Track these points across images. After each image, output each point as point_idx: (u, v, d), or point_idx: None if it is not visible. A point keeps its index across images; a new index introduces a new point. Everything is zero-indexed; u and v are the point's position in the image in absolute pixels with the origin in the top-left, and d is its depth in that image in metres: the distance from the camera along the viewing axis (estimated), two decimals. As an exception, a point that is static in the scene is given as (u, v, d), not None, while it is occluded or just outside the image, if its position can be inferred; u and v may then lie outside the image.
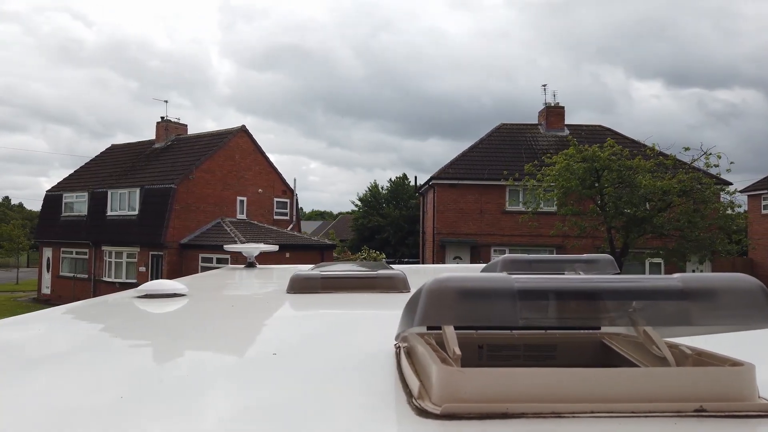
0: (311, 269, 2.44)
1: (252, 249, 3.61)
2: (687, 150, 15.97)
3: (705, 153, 15.76)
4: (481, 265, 2.57)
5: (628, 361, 0.96)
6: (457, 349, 0.81)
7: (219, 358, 1.24)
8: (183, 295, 2.04)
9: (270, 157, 29.85)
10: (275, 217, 29.68)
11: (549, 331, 1.10)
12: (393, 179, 46.24)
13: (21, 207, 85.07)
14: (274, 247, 3.87)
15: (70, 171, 33.39)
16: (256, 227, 26.15)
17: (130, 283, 23.61)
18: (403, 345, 1.01)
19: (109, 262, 26.35)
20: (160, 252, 24.35)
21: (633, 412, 0.72)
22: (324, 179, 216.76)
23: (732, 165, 15.58)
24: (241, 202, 27.70)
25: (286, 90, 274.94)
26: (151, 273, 24.29)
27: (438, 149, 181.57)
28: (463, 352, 0.82)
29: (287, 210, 30.74)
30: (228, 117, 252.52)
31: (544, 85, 29.32)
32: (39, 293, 29.50)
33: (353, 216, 50.18)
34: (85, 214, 27.83)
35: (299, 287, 2.11)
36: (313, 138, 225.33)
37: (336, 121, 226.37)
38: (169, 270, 23.52)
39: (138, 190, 25.75)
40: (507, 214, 23.69)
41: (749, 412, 0.72)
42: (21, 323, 1.64)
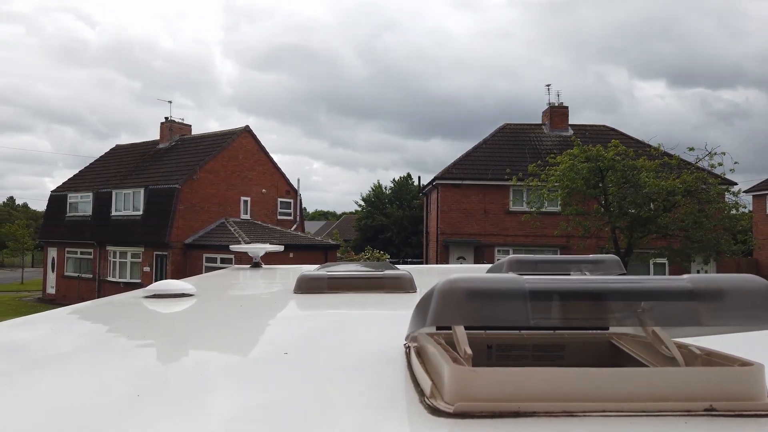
0: (317, 269, 2.45)
1: (258, 249, 3.62)
2: (691, 150, 15.94)
3: (709, 153, 15.73)
4: (487, 266, 2.57)
5: (636, 361, 0.96)
6: (468, 349, 0.82)
7: (229, 357, 1.24)
8: (191, 295, 2.05)
9: (273, 158, 29.93)
10: (279, 217, 29.73)
11: (557, 332, 1.10)
12: (397, 179, 46.22)
13: (26, 207, 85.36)
14: (279, 248, 3.88)
15: (73, 171, 33.54)
16: (260, 227, 26.19)
17: (134, 283, 23.68)
18: (413, 345, 1.02)
19: (114, 262, 26.44)
20: (164, 252, 24.41)
21: (643, 411, 0.72)
22: (327, 179, 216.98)
23: (736, 165, 15.57)
24: (245, 202, 27.75)
25: (288, 90, 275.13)
26: (156, 273, 24.35)
27: (441, 149, 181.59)
28: (473, 352, 0.83)
29: (291, 210, 30.80)
30: (231, 117, 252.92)
31: (548, 85, 29.14)
32: (44, 293, 29.61)
33: (357, 216, 50.23)
34: (90, 214, 27.93)
35: (306, 287, 2.12)
36: (316, 138, 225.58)
37: (339, 121, 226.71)
38: (174, 270, 23.58)
39: (142, 190, 25.83)
40: (511, 214, 23.64)
41: (759, 411, 0.73)
42: (30, 323, 1.65)
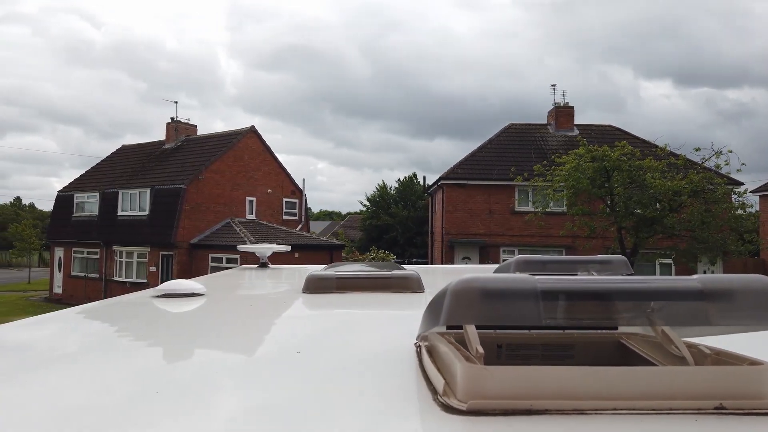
0: (324, 269, 2.46)
1: (265, 249, 3.63)
2: (698, 150, 15.88)
3: (716, 153, 15.66)
4: (494, 266, 2.58)
5: (646, 361, 0.97)
6: (480, 348, 0.83)
7: (242, 356, 1.26)
8: (201, 295, 2.07)
9: (278, 158, 29.99)
10: (284, 217, 29.78)
11: (567, 331, 1.11)
12: (402, 179, 46.21)
13: (32, 207, 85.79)
14: (286, 248, 3.89)
15: (80, 171, 33.66)
16: (265, 227, 26.25)
17: (140, 283, 23.78)
18: (424, 344, 1.03)
19: (120, 261, 26.56)
20: (170, 252, 24.50)
21: (654, 409, 0.73)
22: (332, 179, 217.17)
23: (743, 166, 15.50)
24: (251, 202, 27.82)
25: (293, 90, 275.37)
26: (161, 273, 24.45)
27: (445, 149, 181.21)
28: (484, 351, 0.84)
29: (296, 210, 30.84)
30: (236, 117, 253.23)
31: (553, 85, 28.96)
32: (51, 292, 29.78)
33: (361, 216, 50.21)
34: (96, 214, 28.06)
35: (315, 287, 2.13)
36: (321, 138, 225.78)
37: (343, 121, 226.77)
38: (179, 270, 23.66)
39: (148, 190, 25.94)
40: (516, 214, 23.60)
41: None
42: (41, 323, 1.66)
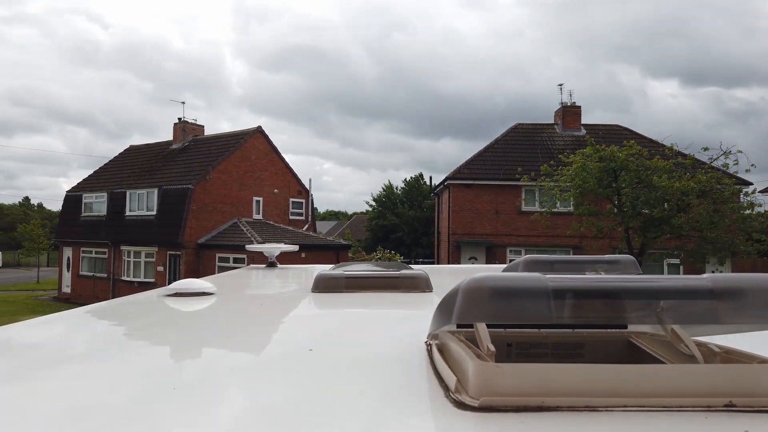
0: (333, 269, 2.48)
1: (273, 249, 3.66)
2: (706, 150, 15.78)
3: (724, 152, 15.54)
4: (502, 266, 2.58)
5: (655, 359, 0.98)
6: (491, 346, 0.84)
7: (254, 354, 1.27)
8: (211, 294, 2.09)
9: (284, 158, 30.06)
10: (291, 217, 29.85)
11: (576, 330, 1.12)
12: (408, 179, 46.19)
13: (41, 207, 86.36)
14: (294, 247, 3.92)
15: (87, 171, 33.84)
16: (272, 227, 26.31)
17: (148, 283, 23.90)
18: (435, 342, 1.04)
19: (128, 261, 26.69)
20: (177, 252, 24.60)
21: (664, 406, 0.74)
22: (338, 179, 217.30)
23: (752, 167, 15.35)
24: (257, 202, 27.89)
25: (298, 90, 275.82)
26: (169, 273, 24.56)
27: (451, 149, 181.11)
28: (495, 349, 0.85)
29: (302, 210, 30.90)
30: (242, 118, 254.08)
31: (560, 85, 28.75)
32: (59, 292, 29.96)
33: (368, 216, 50.24)
34: (105, 214, 28.21)
35: (324, 286, 2.15)
36: (326, 138, 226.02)
37: (349, 122, 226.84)
38: (187, 270, 23.75)
39: (156, 190, 26.05)
40: (523, 214, 23.53)
41: None
42: (52, 322, 1.67)
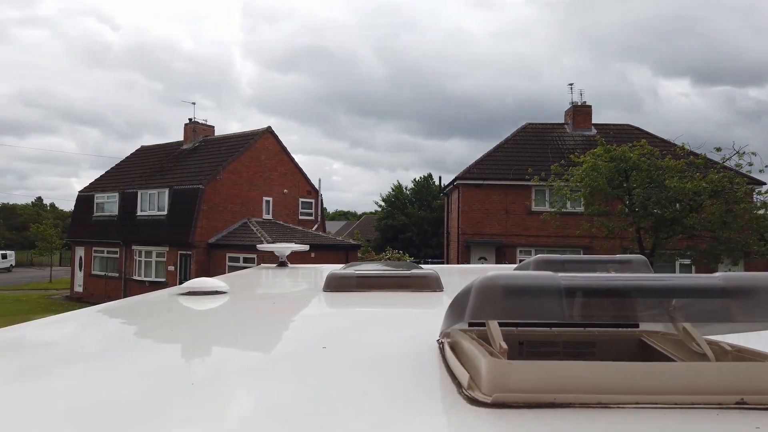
0: (343, 268, 2.50)
1: (284, 249, 3.68)
2: (718, 150, 15.63)
3: (737, 152, 15.38)
4: (513, 266, 2.59)
5: (667, 358, 0.98)
6: (503, 344, 0.85)
7: (268, 352, 1.29)
8: (224, 293, 2.11)
9: (294, 158, 30.16)
10: (300, 217, 29.94)
11: (588, 329, 1.13)
12: (417, 179, 46.20)
13: (53, 207, 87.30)
14: (305, 247, 3.94)
15: (98, 172, 34.12)
16: (281, 227, 26.41)
17: (159, 282, 24.08)
18: (447, 340, 1.05)
19: (139, 261, 26.90)
20: (188, 251, 24.76)
21: (675, 404, 0.75)
22: (347, 179, 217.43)
23: (766, 168, 15.13)
24: (267, 202, 28.00)
25: (308, 91, 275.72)
26: (180, 272, 24.73)
27: (460, 149, 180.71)
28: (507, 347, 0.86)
29: (312, 210, 30.99)
30: (251, 118, 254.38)
31: (570, 84, 28.55)
32: (72, 291, 30.26)
33: (377, 216, 50.29)
34: (116, 214, 28.46)
35: (335, 285, 2.16)
36: (336, 138, 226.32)
37: (358, 122, 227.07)
38: (197, 269, 23.89)
39: (167, 190, 26.24)
40: (533, 214, 23.43)
41: None
42: (64, 321, 1.69)
